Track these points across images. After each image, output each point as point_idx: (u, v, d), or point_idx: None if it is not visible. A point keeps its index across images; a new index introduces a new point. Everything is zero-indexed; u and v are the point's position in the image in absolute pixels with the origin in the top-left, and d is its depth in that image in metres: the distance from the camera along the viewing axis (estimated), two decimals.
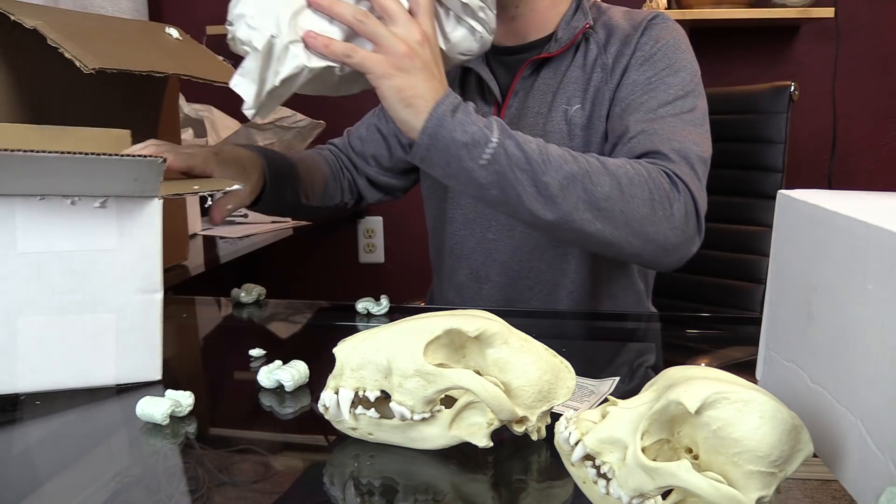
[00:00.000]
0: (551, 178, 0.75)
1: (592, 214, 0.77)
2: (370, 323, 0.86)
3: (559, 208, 0.76)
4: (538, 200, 0.76)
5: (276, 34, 0.68)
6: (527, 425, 0.51)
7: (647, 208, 0.79)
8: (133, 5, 2.09)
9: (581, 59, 0.99)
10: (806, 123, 1.98)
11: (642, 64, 0.95)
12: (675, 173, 0.83)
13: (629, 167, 0.80)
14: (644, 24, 0.97)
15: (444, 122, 0.73)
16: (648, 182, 0.80)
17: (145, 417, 0.57)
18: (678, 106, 0.91)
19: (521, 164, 0.75)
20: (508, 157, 0.74)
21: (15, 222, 0.60)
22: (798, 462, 0.39)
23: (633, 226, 0.79)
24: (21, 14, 0.79)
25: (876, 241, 0.41)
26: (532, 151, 0.75)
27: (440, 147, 0.73)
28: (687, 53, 0.97)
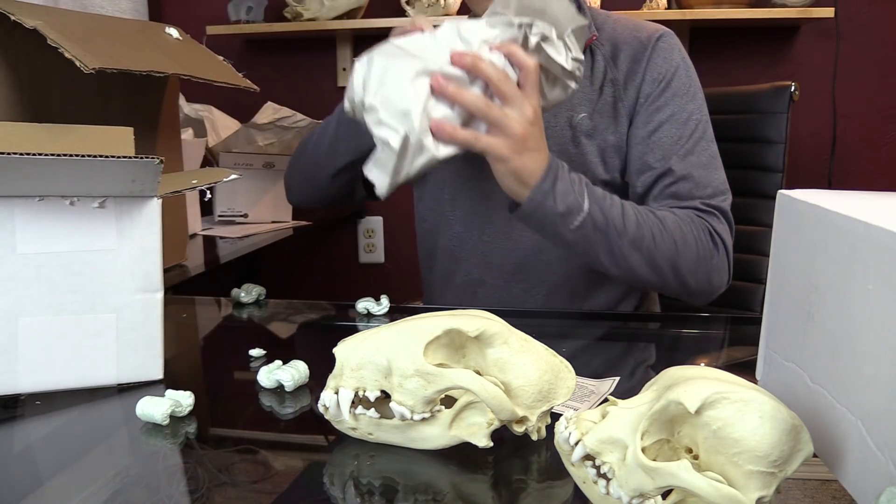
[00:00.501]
0: (625, 242, 0.86)
1: (649, 269, 0.88)
2: (370, 323, 0.86)
3: (625, 264, 0.87)
4: (609, 258, 0.87)
5: (410, 132, 0.73)
6: (527, 425, 0.51)
7: (693, 265, 0.91)
8: (133, 5, 2.09)
9: (587, 69, 1.00)
10: (806, 123, 1.98)
11: (663, 91, 0.97)
12: (716, 231, 0.94)
13: (683, 228, 0.91)
14: (652, 43, 0.99)
15: (546, 196, 0.82)
16: (697, 244, 0.91)
17: (145, 417, 0.57)
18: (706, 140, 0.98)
19: (602, 228, 0.85)
20: (594, 223, 0.84)
21: (14, 224, 0.60)
22: (798, 462, 0.39)
23: (679, 279, 0.91)
24: (21, 14, 0.79)
25: (876, 241, 0.41)
26: (613, 218, 0.85)
27: (539, 215, 0.83)
28: (695, 73, 1.01)
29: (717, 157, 0.99)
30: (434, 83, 0.74)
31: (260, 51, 2.26)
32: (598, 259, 0.87)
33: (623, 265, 0.87)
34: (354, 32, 2.12)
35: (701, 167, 0.96)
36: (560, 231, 0.84)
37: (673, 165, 0.96)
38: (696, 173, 0.96)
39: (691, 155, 0.96)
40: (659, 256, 0.88)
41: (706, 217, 0.94)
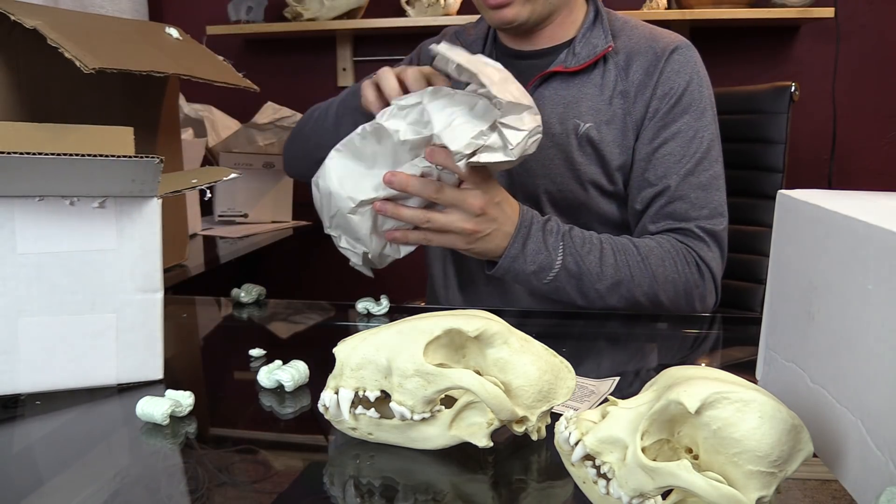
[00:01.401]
0: (602, 286, 0.89)
1: (628, 304, 0.91)
2: (370, 323, 0.86)
3: (602, 303, 0.91)
4: (586, 300, 0.90)
5: (367, 250, 0.86)
6: (527, 425, 0.51)
7: (674, 296, 0.93)
8: (133, 5, 2.09)
9: (598, 78, 0.98)
10: (806, 123, 1.98)
11: (673, 107, 0.96)
12: (703, 260, 0.94)
13: (666, 262, 0.92)
14: (666, 55, 0.97)
15: (515, 260, 0.86)
16: (679, 277, 0.92)
17: (145, 417, 0.57)
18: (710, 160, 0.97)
19: (577, 277, 0.88)
20: (569, 273, 0.88)
21: (14, 224, 0.60)
22: (798, 462, 0.39)
23: (660, 308, 0.93)
24: (21, 14, 0.79)
25: (876, 241, 0.41)
26: (588, 266, 0.88)
27: (512, 276, 0.88)
28: (708, 88, 1.00)
29: (718, 178, 0.98)
30: (375, 207, 0.81)
31: (260, 51, 2.26)
32: (575, 301, 0.90)
33: (600, 304, 0.91)
34: (354, 32, 2.12)
35: (700, 188, 0.95)
36: (535, 285, 0.88)
37: (671, 184, 0.95)
38: (694, 194, 0.95)
39: (691, 175, 0.96)
40: (639, 294, 0.90)
41: (695, 245, 0.94)
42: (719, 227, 0.96)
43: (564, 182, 0.99)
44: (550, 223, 0.88)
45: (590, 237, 0.90)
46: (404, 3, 2.02)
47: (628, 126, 0.97)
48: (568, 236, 0.88)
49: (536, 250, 0.86)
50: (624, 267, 0.89)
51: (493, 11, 0.96)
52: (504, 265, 0.86)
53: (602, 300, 0.90)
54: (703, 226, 0.95)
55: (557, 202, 1.01)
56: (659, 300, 0.91)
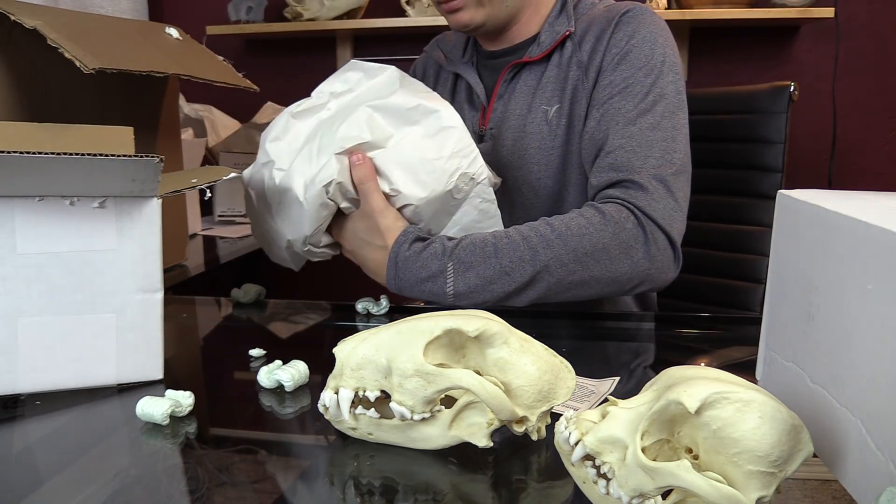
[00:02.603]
0: (520, 283, 0.81)
1: (564, 287, 0.83)
2: (370, 323, 0.86)
3: (534, 296, 0.82)
4: (515, 301, 0.83)
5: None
6: (527, 425, 0.51)
7: (610, 265, 0.83)
8: (133, 5, 2.09)
9: (557, 58, 0.98)
10: (806, 123, 1.98)
11: (618, 63, 0.93)
12: (643, 212, 0.85)
13: (588, 230, 0.83)
14: (616, 18, 0.95)
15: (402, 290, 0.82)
16: (610, 240, 0.83)
17: (145, 417, 0.57)
18: (655, 113, 0.90)
19: (484, 286, 0.81)
20: (469, 287, 0.81)
21: (14, 224, 0.60)
22: (798, 462, 0.39)
23: (602, 283, 0.84)
24: (21, 14, 0.79)
25: (876, 241, 0.41)
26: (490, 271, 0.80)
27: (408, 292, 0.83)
28: (664, 47, 0.94)
29: (670, 130, 0.90)
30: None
31: (260, 51, 2.26)
32: (504, 304, 0.83)
33: (531, 297, 0.82)
34: (354, 32, 2.12)
35: (643, 136, 0.88)
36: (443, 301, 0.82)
37: (610, 134, 0.90)
38: (636, 142, 0.88)
39: (632, 125, 0.89)
40: (565, 273, 0.82)
41: (632, 197, 0.86)
42: (668, 171, 0.87)
43: (543, 171, 0.98)
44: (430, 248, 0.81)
45: (483, 239, 0.81)
46: (404, 3, 2.02)
47: (581, 95, 0.95)
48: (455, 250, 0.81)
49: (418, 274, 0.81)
50: (535, 255, 0.80)
51: (450, 15, 0.97)
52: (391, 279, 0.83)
53: (529, 293, 0.82)
54: (650, 173, 0.86)
55: (538, 192, 1.00)
56: (593, 272, 0.82)
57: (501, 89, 1.01)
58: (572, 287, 0.83)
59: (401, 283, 0.82)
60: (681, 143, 0.91)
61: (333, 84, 0.87)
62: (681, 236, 0.88)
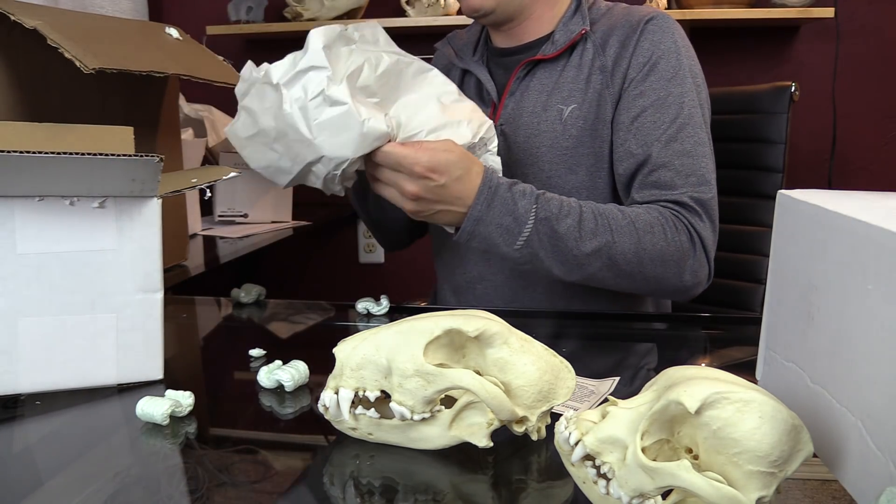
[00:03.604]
0: (580, 251, 0.84)
1: (612, 275, 0.87)
2: (370, 323, 0.86)
3: (582, 273, 0.86)
4: (564, 269, 0.86)
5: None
6: (527, 425, 0.51)
7: (662, 270, 0.88)
8: (133, 5, 2.09)
9: (577, 59, 0.98)
10: (806, 123, 1.98)
11: (648, 74, 0.95)
12: (695, 230, 0.90)
13: (655, 229, 0.87)
14: (641, 25, 0.96)
15: (480, 223, 0.83)
16: (668, 245, 0.88)
17: (145, 417, 0.57)
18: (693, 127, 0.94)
19: (552, 243, 0.84)
20: (542, 238, 0.83)
21: (14, 224, 0.60)
22: (798, 462, 0.39)
23: (647, 282, 0.88)
24: (21, 14, 0.79)
25: (876, 241, 0.41)
26: (565, 232, 0.83)
27: (478, 241, 0.84)
28: (688, 57, 0.97)
29: (704, 145, 0.94)
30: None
31: (260, 51, 2.26)
32: (551, 271, 0.86)
33: (580, 273, 0.86)
34: None
35: (684, 155, 0.92)
36: (505, 251, 0.85)
37: (653, 152, 0.92)
38: (678, 161, 0.92)
39: (674, 142, 0.92)
40: (623, 261, 0.86)
41: (687, 215, 0.90)
42: (707, 195, 0.92)
43: (553, 169, 0.99)
44: (519, 185, 0.84)
45: (567, 201, 0.85)
46: (404, 3, 2.02)
47: (607, 101, 0.96)
48: (542, 198, 0.84)
49: (503, 211, 0.82)
50: (605, 231, 0.85)
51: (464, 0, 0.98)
52: (468, 228, 0.83)
53: (582, 269, 0.85)
54: (692, 195, 0.91)
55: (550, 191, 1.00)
56: (645, 270, 0.87)
57: (514, 86, 1.01)
58: (620, 277, 0.87)
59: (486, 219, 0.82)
60: (712, 161, 0.95)
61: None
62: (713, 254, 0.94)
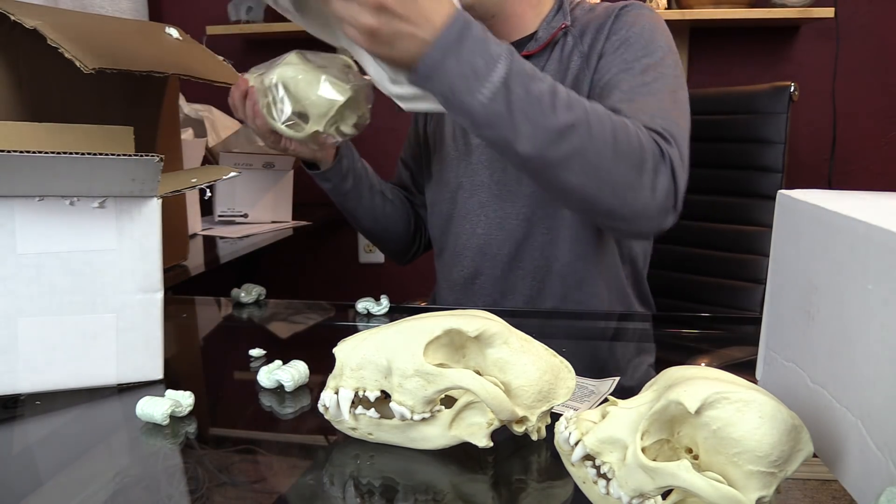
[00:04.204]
0: (553, 123, 0.75)
1: (579, 168, 0.77)
2: (370, 323, 0.86)
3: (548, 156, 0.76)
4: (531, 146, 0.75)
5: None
6: (527, 425, 0.51)
7: (634, 174, 0.80)
8: (133, 5, 2.09)
9: (559, 53, 1.00)
10: (806, 123, 1.98)
11: (618, 48, 0.95)
12: (664, 148, 0.83)
13: (630, 128, 0.80)
14: (616, 10, 0.98)
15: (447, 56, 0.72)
16: (640, 150, 0.80)
17: (145, 417, 0.57)
18: (659, 85, 0.90)
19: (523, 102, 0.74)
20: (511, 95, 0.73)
21: (14, 224, 0.60)
22: (798, 462, 0.39)
23: (615, 188, 0.79)
24: (21, 14, 0.79)
25: (876, 241, 0.41)
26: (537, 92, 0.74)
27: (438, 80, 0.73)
28: (663, 38, 0.95)
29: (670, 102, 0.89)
30: None
31: (260, 51, 2.26)
32: (516, 145, 0.75)
33: (546, 157, 0.76)
34: None
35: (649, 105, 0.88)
36: (467, 102, 0.73)
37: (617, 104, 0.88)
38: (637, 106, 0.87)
39: (639, 95, 0.89)
40: (592, 151, 0.77)
41: (655, 136, 0.84)
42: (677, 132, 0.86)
43: None
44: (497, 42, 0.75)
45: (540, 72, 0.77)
46: None
47: (584, 82, 0.97)
48: (517, 55, 0.75)
49: (475, 51, 0.72)
50: (581, 108, 0.77)
51: None
52: (432, 59, 0.71)
53: (553, 147, 0.75)
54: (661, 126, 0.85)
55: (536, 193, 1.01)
56: (619, 166, 0.78)
57: None
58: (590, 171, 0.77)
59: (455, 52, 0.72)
60: (684, 114, 0.90)
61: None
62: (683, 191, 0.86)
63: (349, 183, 1.09)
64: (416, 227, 1.23)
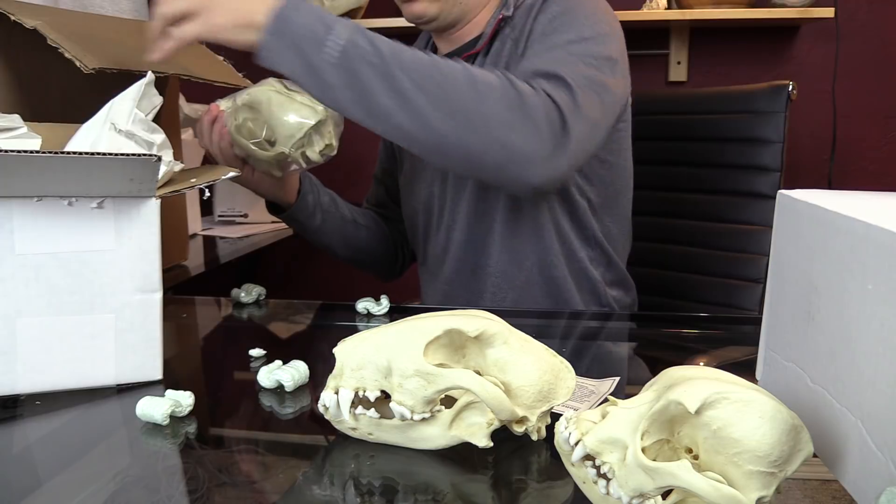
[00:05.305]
0: (404, 76, 0.74)
1: (446, 113, 0.75)
2: (370, 323, 0.86)
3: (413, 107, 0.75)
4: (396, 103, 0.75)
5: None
6: (527, 425, 0.51)
7: (503, 108, 0.77)
8: (133, 5, 2.08)
9: (499, 45, 0.99)
10: (806, 123, 1.98)
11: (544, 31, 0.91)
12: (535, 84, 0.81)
13: (492, 74, 0.79)
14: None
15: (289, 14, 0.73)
16: (505, 85, 0.78)
17: (145, 417, 0.57)
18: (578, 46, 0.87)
19: (374, 55, 0.74)
20: (359, 49, 0.73)
21: (13, 224, 0.60)
22: (798, 462, 0.39)
23: (490, 129, 0.77)
24: (21, 14, 0.79)
25: (876, 241, 0.41)
26: (384, 49, 0.74)
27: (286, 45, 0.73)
28: (596, 12, 0.92)
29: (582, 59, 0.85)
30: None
31: None
32: (377, 100, 0.75)
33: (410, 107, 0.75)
34: None
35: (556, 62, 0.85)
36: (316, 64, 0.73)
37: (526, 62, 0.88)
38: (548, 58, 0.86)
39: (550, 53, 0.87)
40: (453, 95, 0.76)
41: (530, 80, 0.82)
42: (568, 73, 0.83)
43: None
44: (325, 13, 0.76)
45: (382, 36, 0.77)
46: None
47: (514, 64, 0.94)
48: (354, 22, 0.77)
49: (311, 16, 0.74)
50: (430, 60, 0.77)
51: (405, 5, 0.99)
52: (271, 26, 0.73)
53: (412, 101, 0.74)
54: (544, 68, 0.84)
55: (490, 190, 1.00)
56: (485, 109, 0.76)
57: None
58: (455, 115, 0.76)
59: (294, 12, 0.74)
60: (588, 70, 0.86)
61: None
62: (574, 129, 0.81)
63: (317, 219, 1.08)
64: (397, 245, 1.22)
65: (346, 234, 1.13)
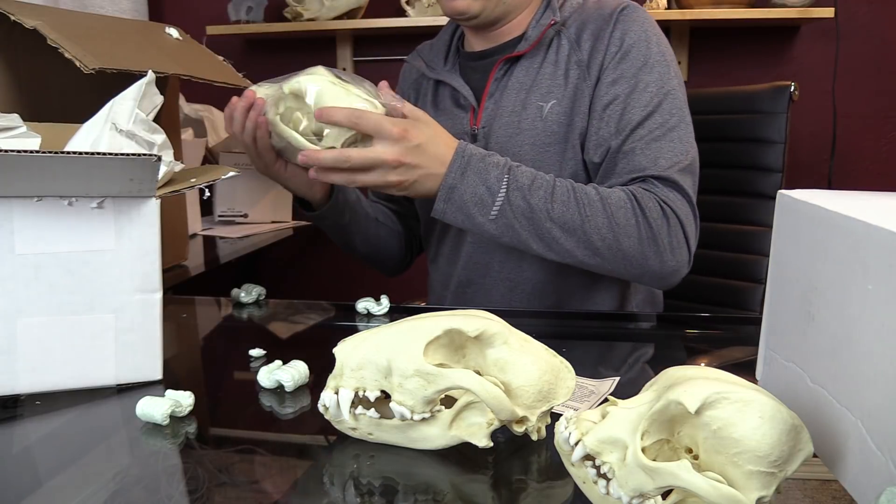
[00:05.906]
0: (554, 226, 0.87)
1: (587, 252, 0.88)
2: (370, 323, 0.86)
3: (559, 248, 0.88)
4: (541, 245, 0.88)
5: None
6: (527, 425, 0.51)
7: (637, 241, 0.88)
8: (133, 5, 2.09)
9: (553, 55, 0.99)
10: (806, 123, 1.98)
11: (619, 62, 0.95)
12: (666, 204, 0.90)
13: (627, 205, 0.88)
14: (614, 16, 0.97)
15: (454, 191, 0.86)
16: (641, 222, 0.88)
17: (145, 417, 0.57)
18: (663, 112, 0.94)
19: (525, 215, 0.86)
20: (514, 211, 0.86)
21: (13, 224, 0.60)
22: (798, 462, 0.39)
23: (625, 262, 0.89)
24: (21, 14, 0.79)
25: (876, 241, 0.41)
26: (537, 203, 0.86)
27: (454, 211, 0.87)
28: (659, 45, 0.98)
29: (674, 129, 0.94)
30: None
31: (260, 51, 2.26)
32: (530, 246, 0.88)
33: (557, 249, 0.88)
34: (354, 32, 2.12)
35: (655, 140, 0.93)
36: (481, 223, 0.87)
37: (622, 139, 0.94)
38: (645, 146, 0.93)
39: (640, 128, 0.93)
40: (596, 238, 0.87)
41: (657, 190, 0.91)
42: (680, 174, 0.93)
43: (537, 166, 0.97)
44: (493, 157, 0.87)
45: (539, 175, 0.88)
46: (404, 3, 2.02)
47: (584, 92, 0.97)
48: (515, 170, 0.87)
49: (477, 181, 0.85)
50: (576, 207, 0.87)
51: (446, 2, 0.99)
52: (443, 196, 0.86)
53: (558, 244, 0.87)
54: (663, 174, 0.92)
55: None
56: (620, 248, 0.88)
57: (492, 87, 1.02)
58: (598, 255, 0.88)
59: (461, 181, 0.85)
60: (686, 141, 0.95)
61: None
62: (694, 237, 0.93)
63: (346, 217, 1.08)
64: (407, 242, 1.22)
65: (369, 231, 1.14)
